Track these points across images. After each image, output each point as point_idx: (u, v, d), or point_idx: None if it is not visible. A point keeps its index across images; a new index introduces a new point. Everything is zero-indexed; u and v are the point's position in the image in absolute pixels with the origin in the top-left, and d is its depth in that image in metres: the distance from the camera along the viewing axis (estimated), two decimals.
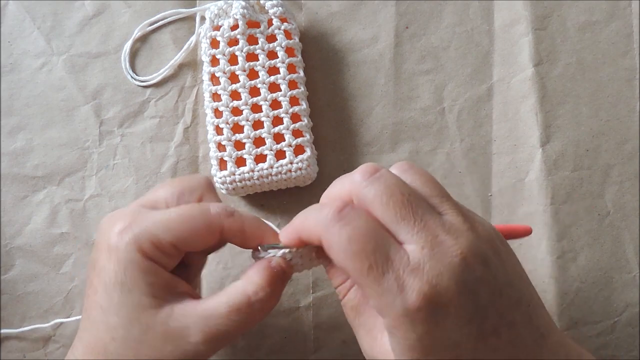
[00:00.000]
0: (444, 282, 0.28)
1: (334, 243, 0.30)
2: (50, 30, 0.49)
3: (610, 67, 0.48)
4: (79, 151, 0.48)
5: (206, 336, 0.33)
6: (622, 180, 0.47)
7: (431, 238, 0.29)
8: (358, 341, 0.33)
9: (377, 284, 0.29)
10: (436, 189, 0.32)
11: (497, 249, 0.31)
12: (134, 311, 0.33)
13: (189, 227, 0.34)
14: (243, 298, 0.34)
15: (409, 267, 0.29)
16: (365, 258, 0.29)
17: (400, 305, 0.28)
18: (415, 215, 0.30)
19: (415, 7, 0.49)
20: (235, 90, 0.45)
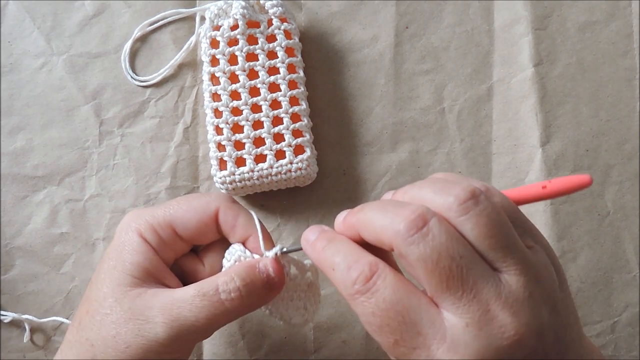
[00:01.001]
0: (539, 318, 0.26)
1: (360, 314, 0.28)
2: (50, 30, 0.49)
3: (610, 67, 0.48)
4: (79, 151, 0.48)
5: (166, 317, 0.32)
6: (622, 180, 0.47)
7: (481, 314, 0.26)
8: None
9: (405, 358, 0.27)
10: (500, 240, 0.27)
11: (555, 304, 0.28)
12: (110, 287, 0.34)
13: (185, 207, 0.35)
14: (211, 285, 0.33)
15: (445, 344, 0.26)
16: (390, 333, 0.27)
17: (488, 341, 0.25)
18: (464, 285, 0.26)
19: (415, 7, 0.49)
20: (235, 90, 0.45)
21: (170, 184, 0.48)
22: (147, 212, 0.36)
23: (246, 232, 0.36)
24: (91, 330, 0.34)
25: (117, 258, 0.35)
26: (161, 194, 0.48)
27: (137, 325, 0.33)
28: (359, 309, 0.28)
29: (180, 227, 0.36)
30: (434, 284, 0.26)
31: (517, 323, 0.26)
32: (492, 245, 0.27)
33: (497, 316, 0.25)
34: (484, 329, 0.25)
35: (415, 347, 0.26)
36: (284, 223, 0.48)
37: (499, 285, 0.26)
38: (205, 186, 0.48)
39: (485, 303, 0.26)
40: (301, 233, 0.41)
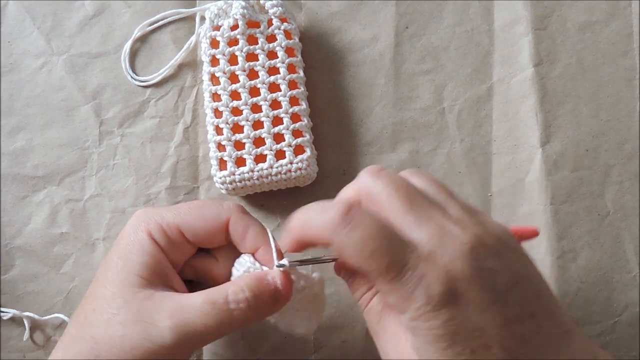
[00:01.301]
0: (458, 267, 0.28)
1: (346, 246, 0.29)
2: (50, 30, 0.49)
3: (610, 67, 0.48)
4: (79, 151, 0.48)
5: (174, 323, 0.33)
6: (622, 180, 0.47)
7: (438, 228, 0.29)
8: (380, 347, 0.32)
9: (397, 280, 0.28)
10: (441, 188, 0.32)
11: (508, 245, 0.30)
12: (119, 286, 0.34)
13: (197, 214, 0.36)
14: (220, 294, 0.34)
15: (422, 257, 0.28)
16: (381, 257, 0.29)
17: (422, 295, 0.28)
18: (421, 207, 0.30)
19: (415, 7, 0.49)
20: (235, 90, 0.45)
21: (170, 184, 0.48)
22: (156, 213, 0.36)
23: (255, 244, 0.36)
24: (97, 328, 0.34)
25: (126, 257, 0.35)
26: (161, 194, 0.48)
27: (144, 327, 0.33)
28: (347, 240, 0.29)
29: (188, 233, 0.36)
30: (397, 208, 0.30)
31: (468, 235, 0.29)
32: (438, 188, 0.32)
33: (451, 230, 0.29)
34: (444, 238, 0.29)
35: (403, 265, 0.28)
36: (284, 223, 0.48)
37: (447, 213, 0.30)
38: (205, 186, 0.48)
39: (440, 221, 0.30)
40: None
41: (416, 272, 0.28)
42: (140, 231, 0.36)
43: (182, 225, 0.36)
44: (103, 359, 0.33)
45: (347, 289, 0.47)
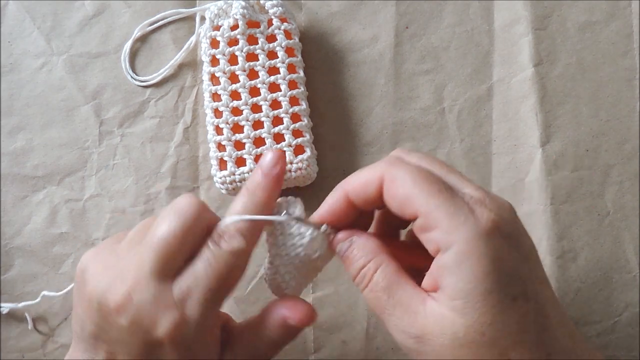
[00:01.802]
0: (506, 214, 0.30)
1: (400, 175, 0.31)
2: (50, 30, 0.49)
3: (610, 67, 0.48)
4: (78, 151, 0.48)
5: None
6: (622, 180, 0.47)
7: (463, 207, 0.30)
8: (394, 325, 0.31)
9: (449, 202, 0.29)
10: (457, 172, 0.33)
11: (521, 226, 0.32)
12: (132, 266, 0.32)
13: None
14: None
15: (472, 199, 0.30)
16: (434, 182, 0.30)
17: (474, 226, 0.29)
18: (447, 189, 0.30)
19: (415, 7, 0.49)
20: (235, 90, 0.45)
21: (170, 184, 0.48)
22: None
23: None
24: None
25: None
26: (161, 194, 0.48)
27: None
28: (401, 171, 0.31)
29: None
30: (439, 169, 0.32)
31: (489, 211, 0.30)
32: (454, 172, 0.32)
33: (474, 209, 0.29)
34: (489, 194, 0.30)
35: (455, 194, 0.30)
36: None
37: (465, 194, 0.31)
38: (205, 186, 0.48)
39: (463, 201, 0.30)
40: None
41: (469, 205, 0.29)
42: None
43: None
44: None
45: (347, 289, 0.47)
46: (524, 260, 0.29)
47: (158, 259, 0.32)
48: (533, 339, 0.29)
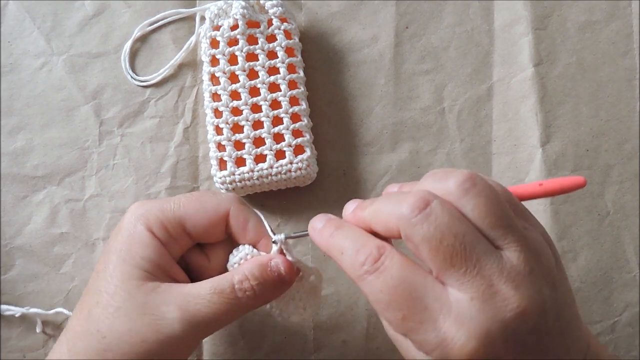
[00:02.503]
0: (491, 338, 0.26)
1: (368, 293, 0.29)
2: (50, 30, 0.49)
3: (610, 67, 0.48)
4: (78, 151, 0.48)
5: (183, 314, 0.33)
6: (622, 180, 0.47)
7: (484, 288, 0.27)
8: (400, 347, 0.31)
9: (414, 333, 0.28)
10: (499, 219, 0.28)
11: (554, 280, 0.29)
12: (121, 279, 0.34)
13: (197, 206, 0.36)
14: (227, 283, 0.34)
15: (451, 317, 0.27)
16: (397, 309, 0.28)
17: (442, 355, 0.27)
18: (467, 262, 0.27)
19: (415, 7, 0.49)
20: (235, 90, 0.45)
21: (170, 184, 0.48)
22: (156, 207, 0.36)
23: (257, 235, 0.37)
24: (103, 323, 0.34)
25: (127, 251, 0.35)
26: (161, 194, 0.48)
27: (152, 320, 0.33)
28: (368, 288, 0.29)
29: (189, 225, 0.36)
30: (438, 262, 0.27)
31: (520, 296, 0.26)
32: (493, 223, 0.28)
33: (500, 290, 0.26)
34: (488, 302, 0.26)
35: (422, 321, 0.27)
36: (284, 223, 0.48)
37: (500, 261, 0.27)
38: (205, 186, 0.48)
39: (489, 278, 0.27)
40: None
41: (438, 333, 0.27)
42: (140, 225, 0.36)
43: (182, 218, 0.36)
44: (112, 352, 0.33)
45: (347, 289, 0.47)
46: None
47: None
48: None
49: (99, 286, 0.35)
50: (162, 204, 0.36)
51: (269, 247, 0.37)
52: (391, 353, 0.46)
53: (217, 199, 0.37)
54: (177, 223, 0.36)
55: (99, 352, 0.33)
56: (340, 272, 0.46)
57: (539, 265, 0.28)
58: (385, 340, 0.47)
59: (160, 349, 0.33)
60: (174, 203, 0.36)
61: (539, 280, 0.27)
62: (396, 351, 0.46)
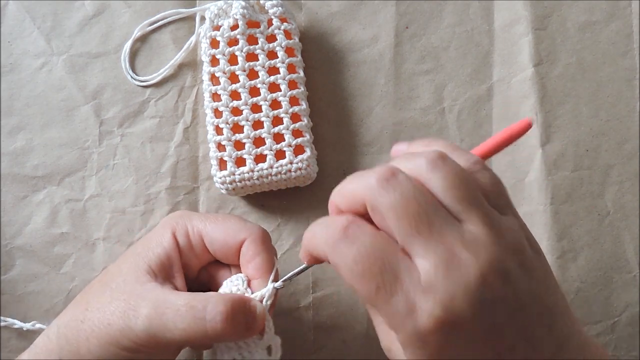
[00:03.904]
0: (457, 304, 0.26)
1: (340, 264, 0.28)
2: (50, 30, 0.49)
3: (610, 67, 0.48)
4: (79, 151, 0.48)
5: (150, 312, 0.34)
6: (622, 180, 0.47)
7: (447, 255, 0.27)
8: (378, 335, 0.32)
9: (386, 305, 0.27)
10: (463, 193, 0.28)
11: (524, 260, 0.29)
12: (128, 267, 0.37)
13: (221, 225, 0.38)
14: (202, 302, 0.34)
15: (419, 287, 0.27)
16: (371, 279, 0.27)
17: (411, 327, 0.27)
18: (431, 229, 0.27)
19: (415, 7, 0.49)
20: (235, 90, 0.45)
21: (170, 184, 0.48)
22: (187, 216, 0.39)
23: (257, 273, 0.37)
24: (93, 296, 0.37)
25: (145, 246, 0.38)
26: (161, 194, 0.48)
27: (125, 307, 0.35)
28: (340, 259, 0.28)
29: (207, 240, 0.38)
30: (404, 229, 0.27)
31: (480, 263, 0.27)
32: (457, 196, 0.28)
33: (461, 257, 0.27)
34: (450, 269, 0.27)
35: (394, 292, 0.27)
36: (284, 223, 0.48)
37: (461, 231, 0.28)
38: (205, 186, 0.48)
39: (451, 245, 0.27)
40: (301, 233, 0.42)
41: (409, 303, 0.27)
42: (167, 228, 0.38)
43: (204, 232, 0.38)
44: (87, 324, 0.35)
45: (347, 289, 0.47)
46: (481, 339, 0.27)
47: None
48: None
49: (109, 269, 0.39)
50: (193, 215, 0.39)
51: (260, 287, 0.37)
52: None
53: (239, 226, 0.38)
54: (199, 235, 0.38)
55: (77, 322, 0.36)
56: None
57: (503, 241, 0.28)
58: None
59: (121, 337, 0.34)
60: (203, 217, 0.39)
61: (503, 252, 0.27)
62: None
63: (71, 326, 0.36)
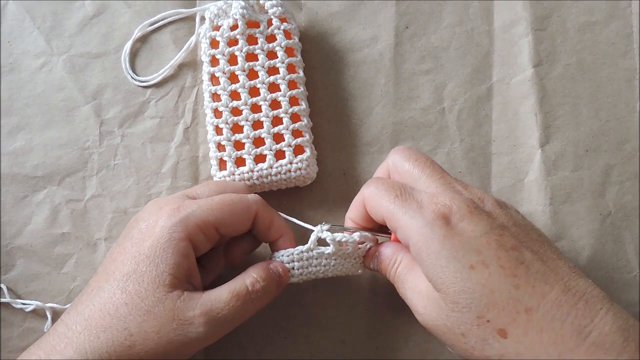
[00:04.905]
0: (456, 203, 0.35)
1: (367, 192, 0.39)
2: (50, 30, 0.49)
3: (610, 67, 0.48)
4: (79, 151, 0.48)
5: (207, 318, 0.37)
6: (622, 180, 0.47)
7: (449, 185, 0.37)
8: (410, 304, 0.38)
9: (401, 206, 0.36)
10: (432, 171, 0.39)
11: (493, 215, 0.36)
12: (152, 284, 0.37)
13: (230, 210, 0.40)
14: (242, 287, 0.39)
15: (427, 196, 0.36)
16: (392, 191, 0.37)
17: (421, 218, 0.35)
18: (435, 169, 0.39)
19: (415, 7, 0.49)
20: (234, 91, 0.45)
21: (170, 184, 0.48)
22: (194, 215, 0.39)
23: (280, 233, 0.42)
24: (132, 322, 0.37)
25: (161, 256, 0.38)
26: (162, 194, 0.48)
27: (180, 325, 0.37)
28: (368, 188, 0.40)
29: (223, 229, 0.40)
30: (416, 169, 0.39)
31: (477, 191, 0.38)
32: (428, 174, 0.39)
33: (460, 190, 0.37)
34: (451, 190, 0.37)
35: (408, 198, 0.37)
36: None
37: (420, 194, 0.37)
38: None
39: (452, 182, 0.38)
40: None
41: (419, 203, 0.36)
42: (178, 232, 0.38)
43: (217, 224, 0.39)
44: (137, 349, 0.37)
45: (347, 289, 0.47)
46: (478, 236, 0.34)
47: None
48: (505, 297, 0.33)
49: (128, 287, 0.38)
50: (195, 211, 0.39)
51: (290, 241, 0.42)
52: (391, 353, 0.46)
53: (244, 203, 0.40)
54: (213, 228, 0.39)
55: (125, 348, 0.36)
56: None
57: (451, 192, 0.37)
58: (385, 340, 0.47)
59: (184, 349, 0.38)
60: (207, 207, 0.39)
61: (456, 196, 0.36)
62: (396, 351, 0.46)
63: (118, 352, 0.37)
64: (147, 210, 0.40)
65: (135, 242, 0.39)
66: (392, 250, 0.40)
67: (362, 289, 0.47)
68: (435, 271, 0.34)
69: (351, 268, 0.42)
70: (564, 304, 0.33)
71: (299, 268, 0.41)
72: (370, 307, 0.47)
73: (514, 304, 0.33)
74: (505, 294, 0.33)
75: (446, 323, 0.35)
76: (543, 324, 0.33)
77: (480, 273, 0.33)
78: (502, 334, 0.33)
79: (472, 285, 0.33)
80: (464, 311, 0.34)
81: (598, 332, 0.32)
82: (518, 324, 0.33)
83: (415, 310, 0.37)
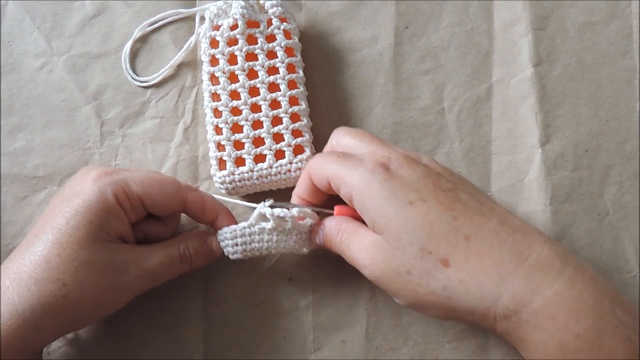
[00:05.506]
0: (395, 155, 0.38)
1: (312, 163, 0.41)
2: (50, 30, 0.49)
3: (610, 67, 0.48)
4: (80, 151, 0.48)
5: (140, 272, 0.40)
6: (622, 180, 0.47)
7: (387, 144, 0.41)
8: (358, 265, 0.39)
9: (344, 164, 0.39)
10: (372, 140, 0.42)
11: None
12: (87, 238, 0.39)
13: (160, 188, 0.41)
14: (175, 251, 0.42)
15: (367, 153, 0.39)
16: (334, 155, 0.40)
17: (362, 169, 0.38)
18: (374, 137, 0.41)
19: (415, 7, 0.49)
20: (234, 90, 0.45)
21: None
22: (121, 179, 0.40)
23: (215, 214, 0.43)
24: (65, 273, 0.38)
25: (95, 214, 0.39)
26: None
27: (114, 274, 0.39)
28: (315, 159, 0.42)
29: (148, 203, 0.41)
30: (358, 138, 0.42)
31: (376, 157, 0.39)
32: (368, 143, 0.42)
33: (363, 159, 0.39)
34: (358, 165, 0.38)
35: (351, 157, 0.40)
36: None
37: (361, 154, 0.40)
38: (205, 186, 0.48)
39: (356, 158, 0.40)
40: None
41: (360, 160, 0.38)
42: (108, 194, 0.40)
43: (145, 198, 0.41)
44: (72, 297, 0.38)
45: (347, 289, 0.47)
46: (416, 179, 0.37)
47: None
48: (445, 228, 0.35)
49: (60, 239, 0.38)
50: (126, 178, 0.41)
51: (229, 219, 0.43)
52: (391, 353, 0.46)
53: (174, 186, 0.42)
54: (138, 199, 0.41)
55: (58, 298, 0.38)
56: (341, 272, 0.46)
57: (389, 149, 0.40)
58: (385, 340, 0.47)
59: (116, 298, 0.40)
60: (137, 179, 0.41)
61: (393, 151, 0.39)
62: (396, 350, 0.46)
63: (51, 302, 0.38)
64: (78, 173, 0.42)
65: (66, 198, 0.40)
66: (335, 222, 0.41)
67: (362, 289, 0.47)
68: (377, 212, 0.37)
69: (295, 245, 0.42)
70: (501, 232, 0.35)
71: (242, 244, 0.42)
72: (370, 307, 0.47)
73: (454, 234, 0.35)
74: (444, 225, 0.35)
75: (392, 265, 0.36)
76: (483, 249, 0.35)
77: (419, 207, 0.36)
78: (444, 263, 0.35)
79: (412, 220, 0.36)
80: (407, 246, 0.35)
81: (537, 256, 0.34)
82: (459, 252, 0.35)
83: (363, 264, 0.38)
